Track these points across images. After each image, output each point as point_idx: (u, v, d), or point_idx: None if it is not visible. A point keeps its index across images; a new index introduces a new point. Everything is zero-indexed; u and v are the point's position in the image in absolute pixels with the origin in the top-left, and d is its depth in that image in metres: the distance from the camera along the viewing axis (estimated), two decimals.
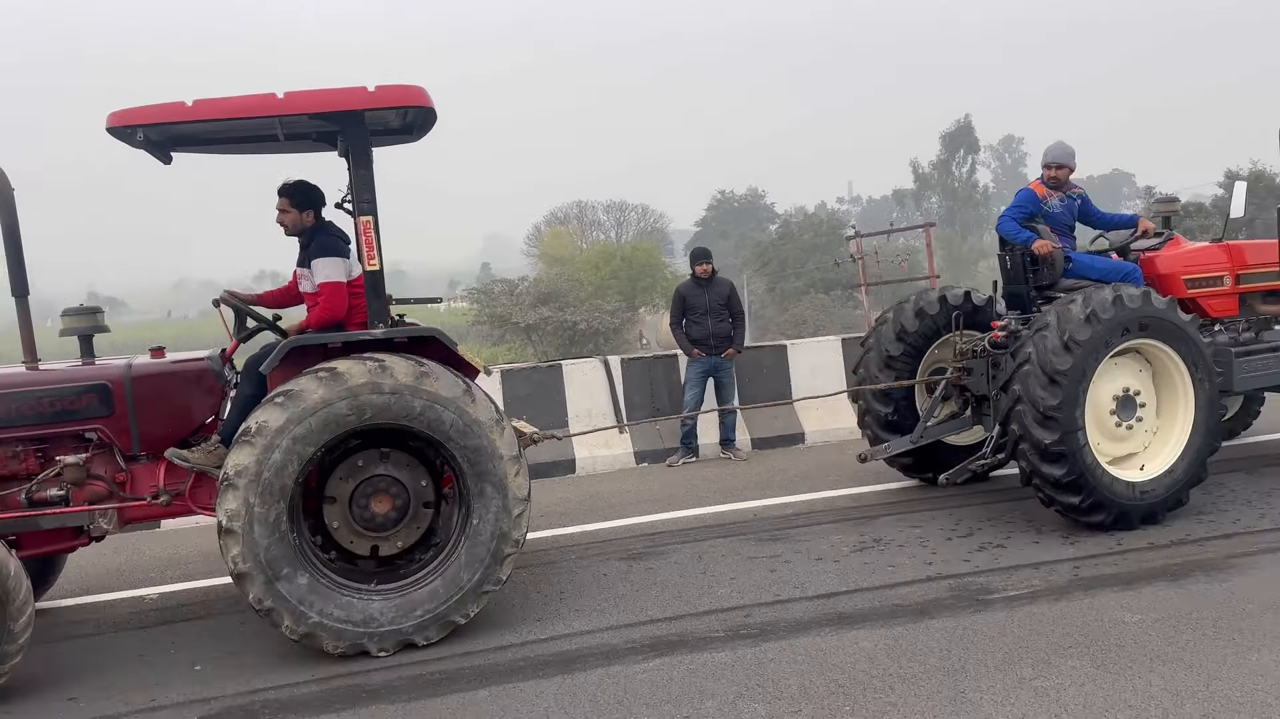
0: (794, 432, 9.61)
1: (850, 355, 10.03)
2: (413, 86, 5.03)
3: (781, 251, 58.04)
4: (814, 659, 4.54)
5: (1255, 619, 4.59)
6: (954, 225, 75.85)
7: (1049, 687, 4.08)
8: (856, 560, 5.90)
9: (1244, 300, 7.15)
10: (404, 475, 5.20)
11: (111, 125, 4.89)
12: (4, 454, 5.20)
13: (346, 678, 4.72)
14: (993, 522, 6.50)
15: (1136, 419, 6.28)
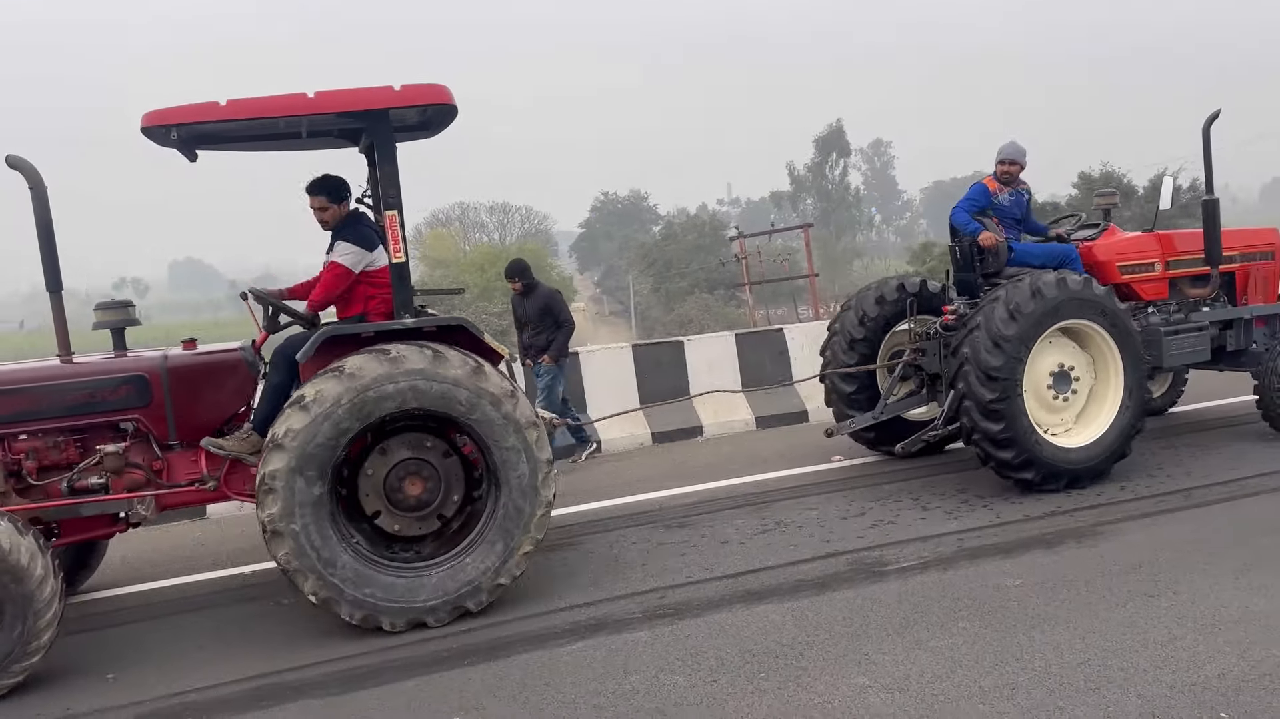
0: (692, 424, 9.92)
1: (744, 350, 10.45)
2: (438, 86, 5.24)
3: (666, 252, 58.81)
4: (727, 633, 4.80)
5: (1121, 578, 5.08)
6: (829, 226, 78.24)
7: (943, 646, 4.44)
8: (760, 542, 6.21)
9: (1173, 285, 7.82)
10: (433, 457, 5.38)
11: (147, 125, 5.01)
12: (44, 444, 5.31)
13: (273, 676, 4.73)
14: (882, 501, 6.91)
15: (1071, 392, 6.89)
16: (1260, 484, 6.54)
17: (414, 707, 4.29)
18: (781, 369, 10.42)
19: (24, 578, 4.61)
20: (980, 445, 6.64)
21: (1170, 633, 4.37)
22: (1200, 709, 3.70)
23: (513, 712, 4.16)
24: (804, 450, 8.79)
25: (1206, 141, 7.77)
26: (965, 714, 3.81)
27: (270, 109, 5.13)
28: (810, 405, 10.29)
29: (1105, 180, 38.22)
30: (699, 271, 53.64)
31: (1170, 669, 4.04)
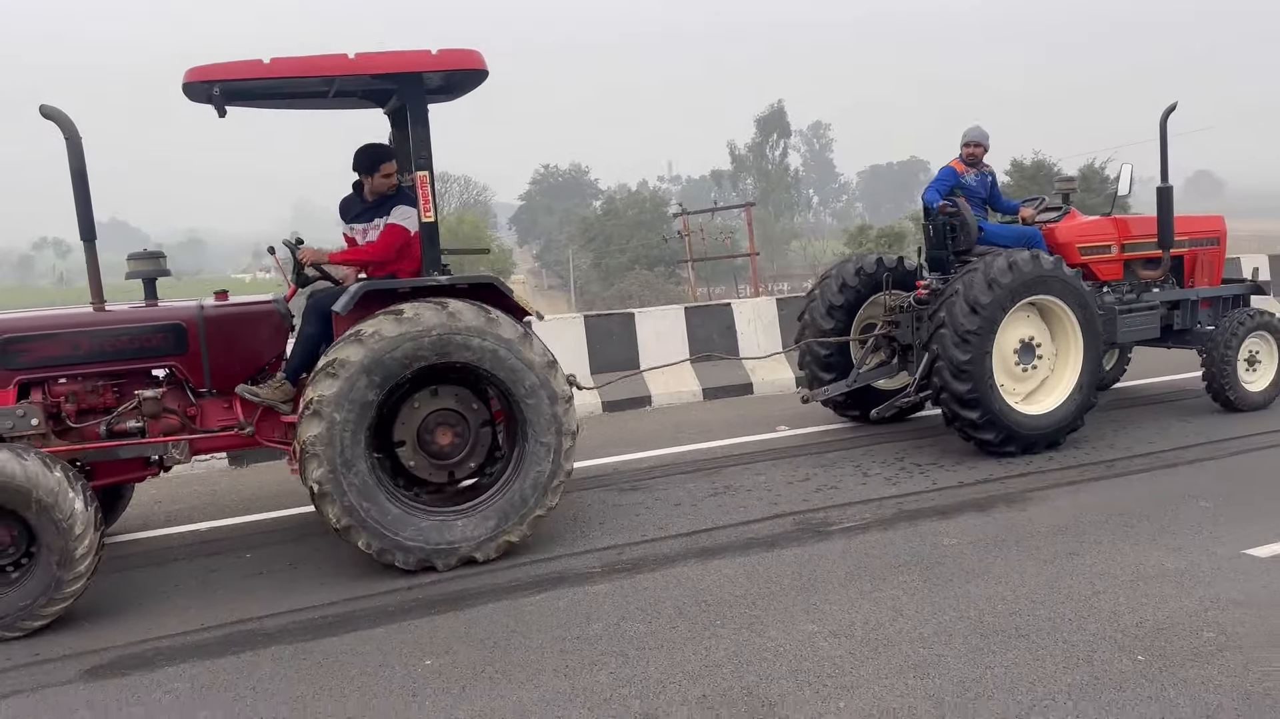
0: (641, 394, 10.15)
1: (693, 324, 10.69)
2: (471, 51, 5.42)
3: (606, 227, 58.82)
4: (684, 585, 5.05)
5: (1048, 539, 5.45)
6: (768, 206, 79.05)
7: (885, 597, 4.75)
8: (711, 504, 6.47)
9: (1128, 266, 8.31)
10: (454, 404, 5.64)
11: (190, 80, 5.13)
12: (84, 389, 5.45)
13: (243, 624, 4.85)
14: (826, 468, 7.22)
15: (1035, 362, 7.37)
16: (1177, 457, 6.99)
17: (385, 651, 4.46)
18: (729, 343, 10.69)
19: (57, 513, 4.76)
20: (948, 405, 7.07)
21: (1093, 587, 4.74)
22: (1120, 652, 4.05)
23: (482, 655, 4.35)
24: (751, 420, 9.08)
25: (1163, 133, 8.22)
26: (906, 656, 4.11)
27: (312, 68, 5.33)
28: (756, 378, 10.59)
29: (1038, 169, 39.37)
30: (639, 247, 53.82)
31: (1093, 619, 4.39)
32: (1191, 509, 5.80)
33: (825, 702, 3.76)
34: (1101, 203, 30.02)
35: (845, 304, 8.23)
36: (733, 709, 3.75)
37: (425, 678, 4.16)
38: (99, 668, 4.47)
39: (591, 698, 3.90)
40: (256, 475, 8.12)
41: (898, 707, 3.70)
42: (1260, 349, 8.25)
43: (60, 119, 5.31)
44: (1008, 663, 4.00)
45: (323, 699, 4.01)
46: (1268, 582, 4.67)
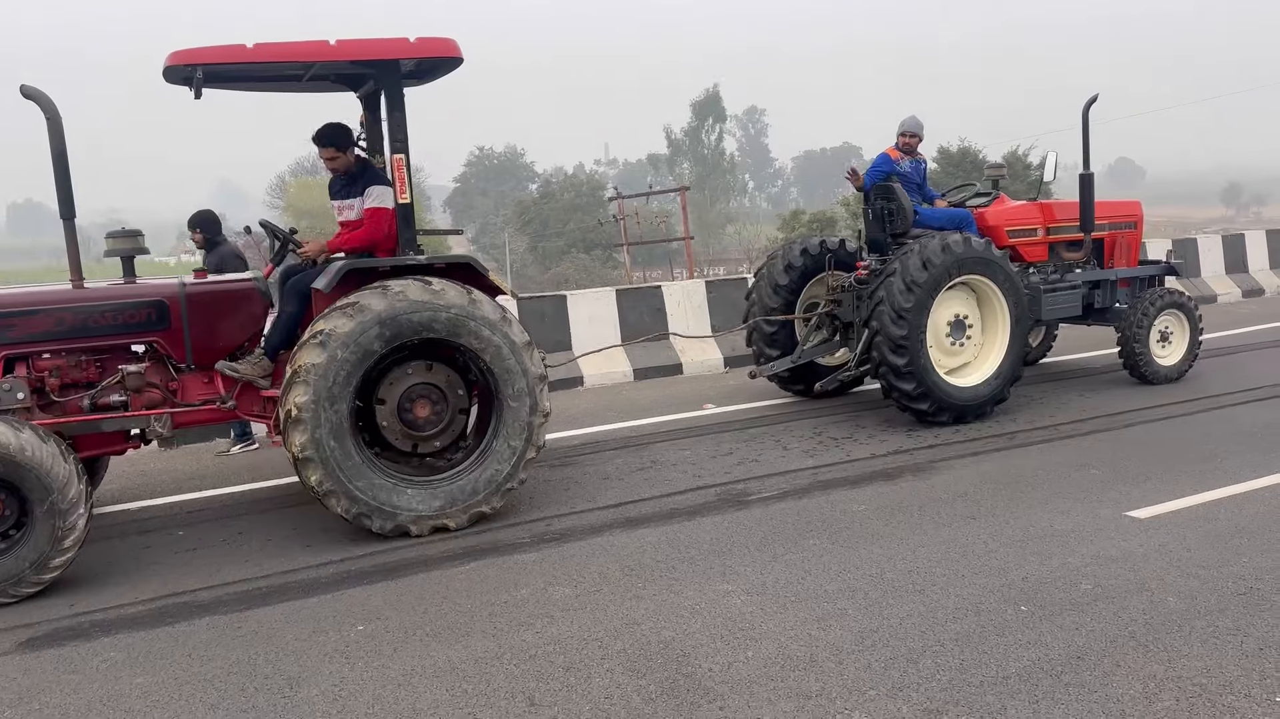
0: (574, 375, 10.36)
1: (624, 306, 10.94)
2: (448, 39, 5.65)
3: (543, 211, 58.69)
4: (609, 553, 5.31)
5: (948, 504, 5.82)
6: (703, 191, 79.49)
7: (796, 559, 5.07)
8: (639, 478, 6.73)
9: (1052, 249, 8.84)
10: (443, 384, 5.90)
11: (173, 63, 5.28)
12: (67, 364, 5.55)
13: (176, 597, 4.98)
14: (748, 443, 7.54)
15: (966, 338, 7.88)
16: (1074, 429, 7.46)
17: (319, 618, 4.63)
18: (659, 324, 10.96)
19: (50, 481, 4.94)
20: (886, 378, 7.53)
21: (986, 547, 5.11)
22: (1005, 604, 4.41)
23: (414, 619, 4.55)
24: (679, 400, 9.37)
25: (1085, 122, 8.77)
26: (812, 611, 4.42)
27: (293, 54, 5.53)
28: (685, 359, 10.89)
29: (963, 155, 40.36)
30: (576, 231, 53.85)
31: (984, 574, 4.75)
32: (1082, 476, 6.23)
33: (735, 651, 4.05)
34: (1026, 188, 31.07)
35: (790, 283, 8.67)
36: (650, 662, 4.01)
37: (358, 642, 4.35)
38: (34, 640, 4.57)
39: (519, 655, 4.14)
40: (186, 458, 8.16)
41: (800, 654, 4.00)
42: (1172, 326, 8.85)
43: (41, 99, 5.37)
44: (903, 615, 4.33)
45: (259, 663, 4.18)
46: (1144, 540, 5.09)
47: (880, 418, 8.10)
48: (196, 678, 4.08)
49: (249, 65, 5.59)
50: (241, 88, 6.37)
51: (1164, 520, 5.35)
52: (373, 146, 6.55)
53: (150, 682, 4.07)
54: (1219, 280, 14.53)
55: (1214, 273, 14.61)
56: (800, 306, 8.78)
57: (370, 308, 5.47)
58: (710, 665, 3.95)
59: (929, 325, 7.55)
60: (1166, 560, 4.79)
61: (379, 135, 6.58)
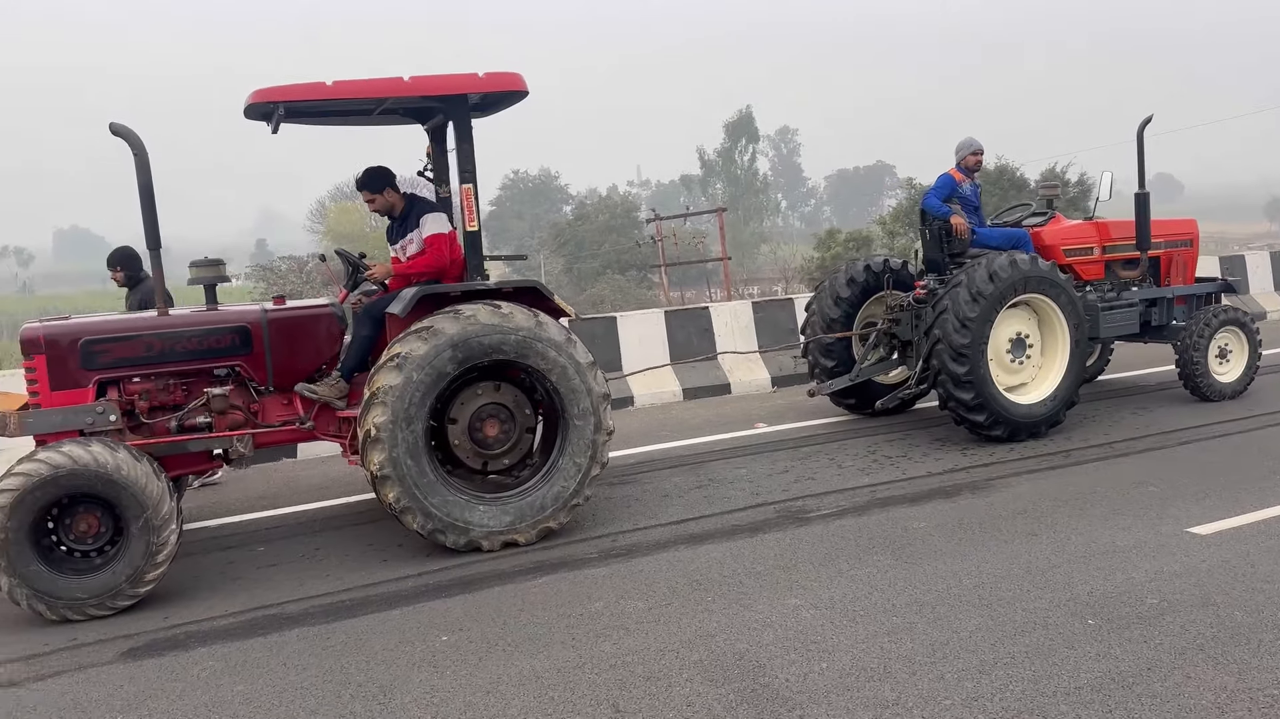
0: (625, 395, 10.53)
1: (673, 327, 11.11)
2: (514, 74, 5.93)
3: (577, 232, 59.09)
4: (676, 567, 5.45)
5: (1009, 521, 5.91)
6: (737, 211, 79.64)
7: (861, 574, 5.18)
8: (697, 495, 6.88)
9: (1109, 267, 8.93)
10: (511, 404, 6.14)
11: (255, 101, 5.57)
12: (156, 387, 5.81)
13: (265, 609, 5.19)
14: (803, 461, 7.66)
15: (1026, 357, 7.97)
16: (1129, 446, 7.50)
17: (403, 629, 4.82)
18: (707, 344, 11.11)
19: (145, 497, 5.20)
20: (944, 386, 7.67)
21: (1050, 562, 5.19)
22: (1072, 618, 4.50)
23: (494, 630, 4.73)
24: (729, 419, 9.51)
25: (1140, 142, 8.89)
26: (881, 624, 4.53)
27: (369, 90, 5.84)
28: (733, 379, 11.03)
29: (1000, 173, 40.19)
30: (611, 252, 54.14)
31: (1049, 589, 4.84)
32: (1141, 493, 6.28)
33: (809, 663, 4.18)
34: (1064, 207, 30.87)
35: (851, 297, 8.86)
36: (726, 672, 4.15)
37: (443, 651, 4.53)
38: (135, 650, 4.79)
39: (599, 665, 4.29)
40: (255, 477, 8.42)
41: (874, 665, 4.12)
42: (1231, 343, 8.88)
43: (129, 137, 5.66)
44: (972, 628, 4.43)
45: (351, 672, 4.37)
46: (1206, 555, 5.15)
47: (933, 437, 8.18)
48: (294, 686, 4.27)
49: (326, 102, 5.86)
50: (317, 122, 6.66)
51: (1226, 536, 5.40)
52: (439, 177, 6.81)
53: (250, 689, 4.27)
54: (1268, 297, 14.45)
55: (1263, 289, 14.53)
56: (858, 324, 8.95)
57: (443, 331, 5.69)
58: (786, 676, 4.08)
59: (990, 340, 7.67)
60: (1230, 575, 4.85)
61: (445, 166, 6.84)
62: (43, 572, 5.12)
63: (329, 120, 6.71)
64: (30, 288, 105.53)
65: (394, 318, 5.96)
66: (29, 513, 5.08)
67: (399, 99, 6.09)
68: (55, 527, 5.29)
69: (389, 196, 6.39)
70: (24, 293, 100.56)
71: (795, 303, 11.78)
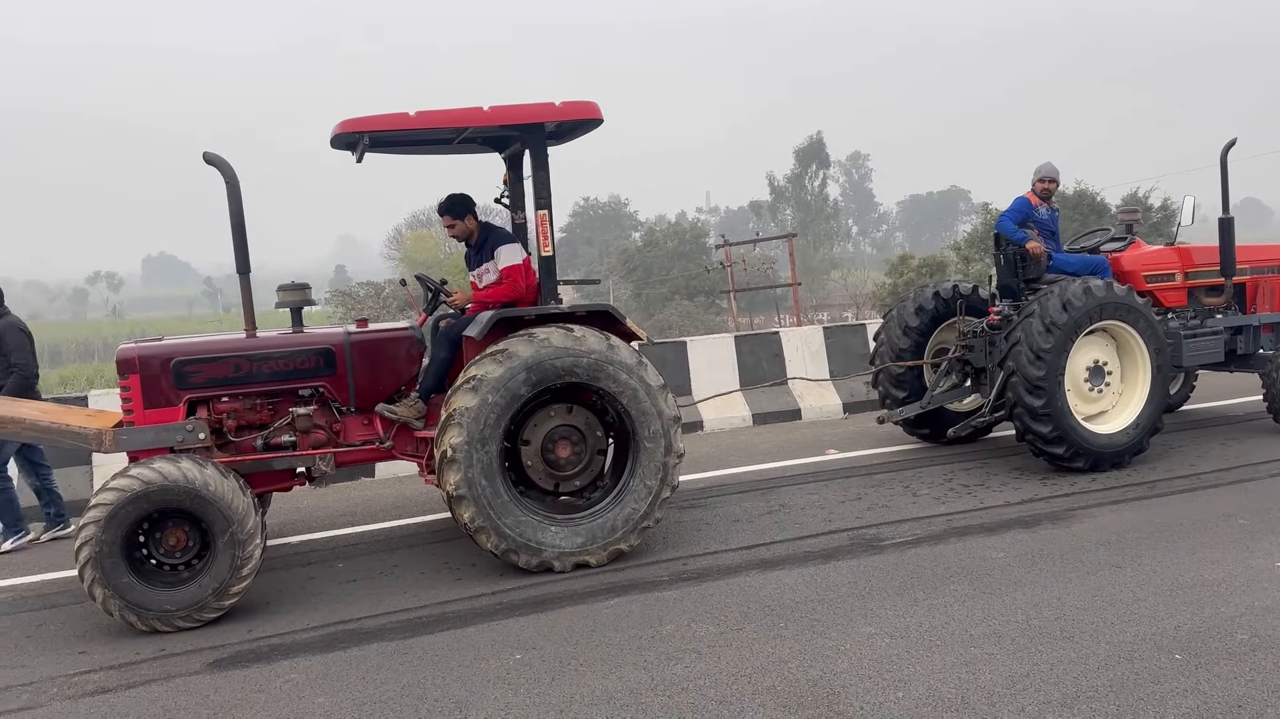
0: (694, 420, 10.55)
1: (742, 351, 11.11)
2: (590, 103, 6.06)
3: (646, 258, 59.41)
4: (747, 593, 5.43)
5: (1091, 553, 5.76)
6: (807, 236, 79.21)
7: (938, 604, 5.10)
8: (768, 520, 6.85)
9: (1191, 294, 8.72)
10: (583, 425, 6.19)
11: (341, 131, 5.79)
12: (243, 407, 6.02)
13: (344, 624, 5.31)
14: (876, 488, 7.57)
15: (1105, 384, 7.79)
16: (1217, 478, 7.26)
17: (478, 647, 4.88)
18: (777, 369, 11.09)
19: (230, 512, 5.39)
20: (1021, 419, 7.52)
21: (1134, 595, 5.05)
22: (1159, 652, 4.37)
23: (566, 650, 4.76)
24: (800, 444, 9.45)
25: (1224, 166, 8.68)
26: (959, 655, 4.45)
27: (450, 120, 5.99)
28: (803, 404, 10.97)
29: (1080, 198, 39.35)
30: (679, 278, 54.27)
31: (1134, 623, 4.71)
32: (1229, 526, 6.07)
33: (884, 692, 4.12)
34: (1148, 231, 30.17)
35: (921, 326, 8.73)
36: (800, 699, 4.12)
37: (517, 669, 4.58)
38: (220, 661, 4.94)
39: (671, 688, 4.29)
40: (335, 495, 8.63)
41: (952, 696, 4.05)
42: None
43: (222, 166, 5.90)
44: (1053, 661, 4.33)
45: (428, 687, 4.44)
46: None
47: (1010, 465, 8.02)
48: (373, 699, 4.36)
49: (409, 131, 6.04)
50: (400, 151, 6.87)
51: None
52: (515, 204, 6.96)
53: (331, 702, 4.37)
54: None
55: None
56: (929, 351, 8.80)
57: (518, 354, 5.79)
58: (861, 704, 4.03)
59: (1067, 369, 7.48)
60: None
61: (521, 193, 6.99)
62: (134, 584, 5.32)
63: (411, 150, 6.91)
64: (120, 312, 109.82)
65: (470, 340, 6.10)
66: (121, 527, 5.28)
67: (478, 128, 6.25)
68: (146, 540, 5.49)
69: (469, 223, 6.56)
70: (114, 317, 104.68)
71: (867, 328, 11.68)
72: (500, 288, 6.36)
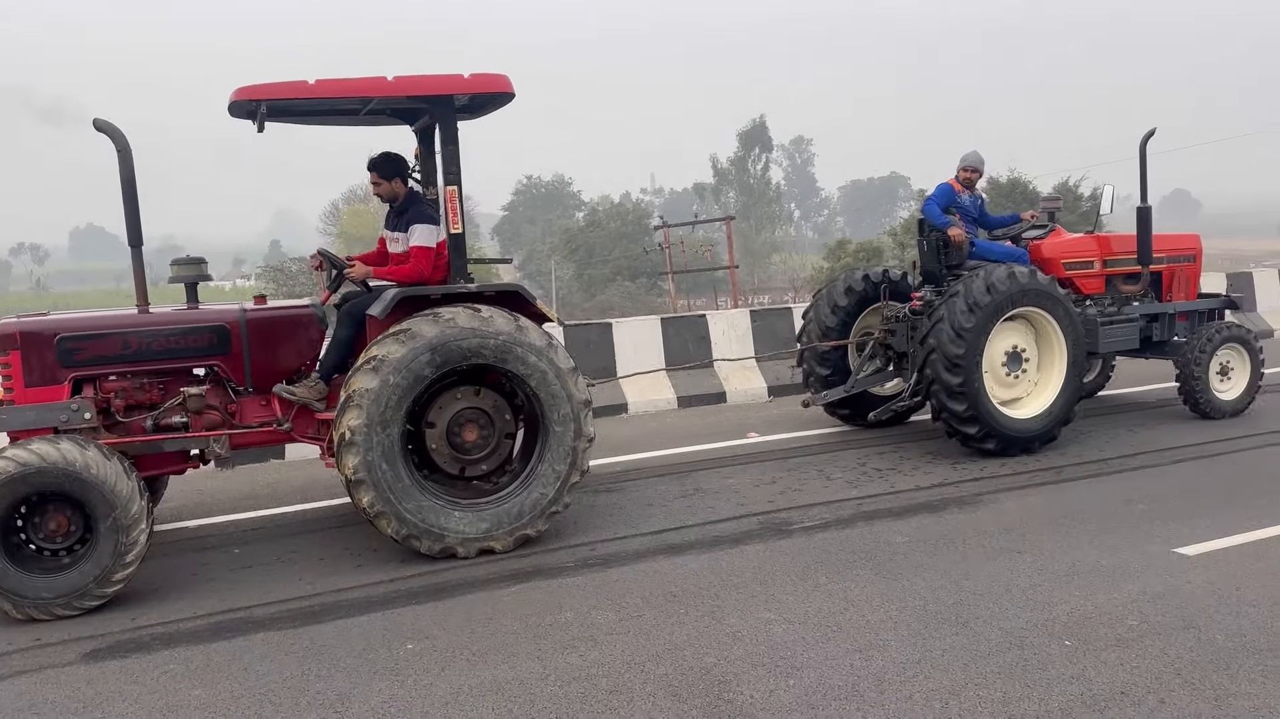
0: (619, 402, 10.46)
1: (669, 334, 11.04)
2: (501, 75, 5.87)
3: (589, 238, 59.15)
4: (652, 578, 5.37)
5: (994, 538, 5.80)
6: (749, 220, 79.56)
7: (839, 589, 5.09)
8: (681, 505, 6.79)
9: (1109, 281, 8.83)
10: (490, 409, 6.03)
11: (238, 98, 5.52)
12: (132, 385, 5.75)
13: (232, 613, 5.13)
14: (791, 472, 7.56)
15: (1021, 371, 7.90)
16: (1121, 464, 7.38)
17: (369, 636, 4.75)
18: (703, 352, 11.03)
19: (114, 497, 5.14)
20: (938, 397, 7.58)
21: (1031, 581, 5.09)
22: (1050, 638, 4.40)
23: (461, 639, 4.65)
24: (722, 428, 9.42)
25: (1143, 156, 8.79)
26: (855, 641, 4.44)
27: (352, 89, 5.79)
28: (729, 387, 10.94)
29: (1013, 186, 40.05)
30: (621, 259, 54.17)
31: (1029, 609, 4.74)
32: (1129, 512, 6.17)
33: (776, 680, 4.09)
34: (1077, 220, 30.72)
35: (849, 306, 8.80)
36: (690, 687, 4.07)
37: (408, 659, 4.46)
38: (97, 651, 4.74)
39: (563, 677, 4.21)
40: (241, 477, 8.37)
41: (842, 684, 4.03)
42: (1232, 360, 8.76)
43: (112, 132, 5.63)
44: (945, 647, 4.34)
45: (311, 679, 4.30)
46: (1192, 577, 5.04)
47: (924, 450, 8.08)
48: (252, 692, 4.21)
49: (310, 100, 5.83)
50: (302, 121, 6.61)
51: (1213, 558, 5.29)
52: (427, 179, 6.75)
53: (207, 694, 4.21)
54: (1276, 314, 14.27)
55: (1271, 307, 14.33)
56: (855, 333, 8.90)
57: (421, 334, 5.63)
58: (752, 693, 3.99)
59: (986, 352, 7.60)
60: (1215, 598, 4.74)
61: (433, 168, 6.78)
62: (9, 570, 5.07)
63: (315, 120, 6.66)
64: (44, 285, 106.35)
65: (374, 319, 5.91)
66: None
67: (385, 100, 6.04)
68: (24, 525, 5.25)
69: (395, 186, 6.35)
70: (38, 290, 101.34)
71: (794, 311, 11.68)
72: (404, 268, 6.17)
